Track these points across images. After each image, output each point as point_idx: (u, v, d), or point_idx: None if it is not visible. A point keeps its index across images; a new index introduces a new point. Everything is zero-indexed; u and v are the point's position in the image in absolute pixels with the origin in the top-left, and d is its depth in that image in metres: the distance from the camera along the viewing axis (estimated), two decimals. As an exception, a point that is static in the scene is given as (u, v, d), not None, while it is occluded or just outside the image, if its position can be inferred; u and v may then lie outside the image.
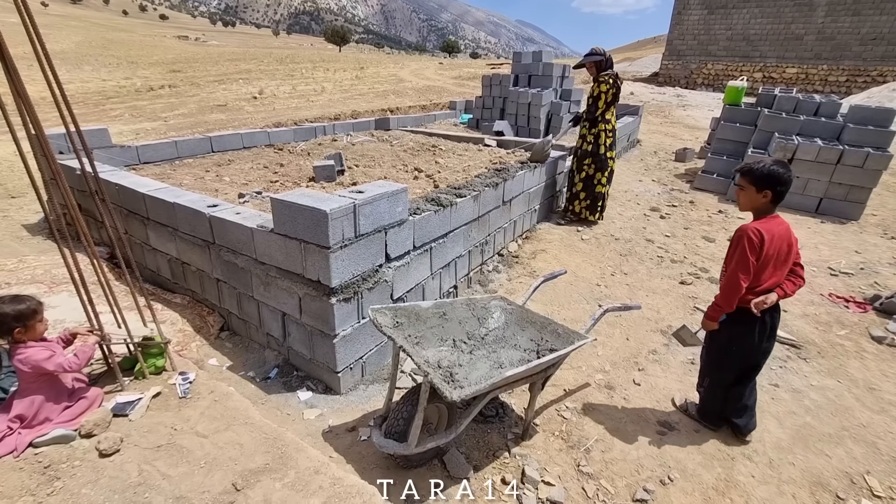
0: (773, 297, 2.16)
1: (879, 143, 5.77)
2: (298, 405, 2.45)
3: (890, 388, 2.90)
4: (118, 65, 24.94)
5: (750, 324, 2.22)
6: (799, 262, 2.28)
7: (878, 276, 4.42)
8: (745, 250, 2.10)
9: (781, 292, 2.19)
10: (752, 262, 2.10)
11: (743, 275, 2.12)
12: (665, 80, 24.10)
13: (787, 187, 2.11)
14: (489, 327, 2.43)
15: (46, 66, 1.87)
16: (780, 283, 2.20)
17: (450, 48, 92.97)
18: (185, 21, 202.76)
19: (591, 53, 4.94)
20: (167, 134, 9.10)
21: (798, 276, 2.27)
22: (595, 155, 5.03)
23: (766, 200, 2.14)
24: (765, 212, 2.18)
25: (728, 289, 2.17)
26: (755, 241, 2.09)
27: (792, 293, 2.24)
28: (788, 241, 2.19)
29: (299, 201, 2.28)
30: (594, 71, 4.90)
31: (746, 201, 2.20)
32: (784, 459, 2.32)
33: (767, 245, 2.10)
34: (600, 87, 4.81)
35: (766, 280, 2.17)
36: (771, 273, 2.18)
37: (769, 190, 2.10)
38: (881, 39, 18.53)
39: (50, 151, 1.91)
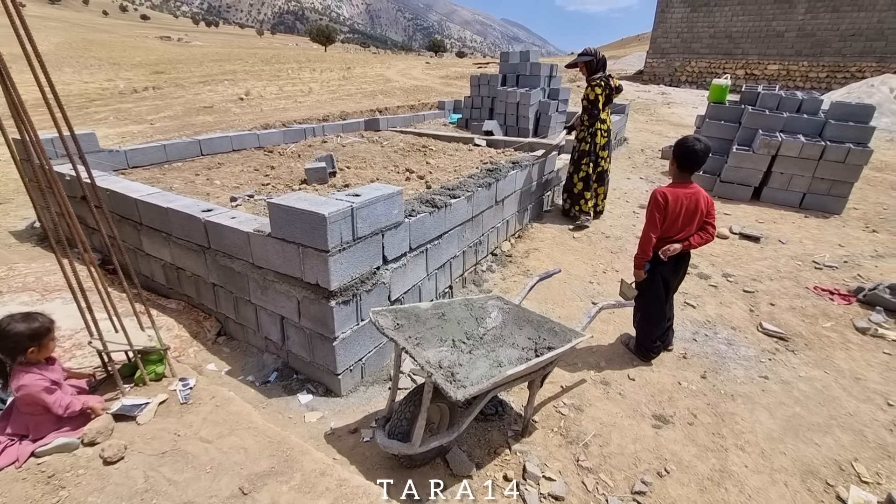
0: (678, 246, 2.69)
1: (860, 138, 5.93)
2: (299, 408, 2.47)
3: (874, 377, 3.00)
4: (100, 66, 24.49)
5: (662, 265, 2.77)
6: (710, 222, 2.74)
7: (861, 268, 4.55)
8: (651, 209, 2.65)
9: (688, 244, 2.71)
10: (658, 218, 2.63)
11: (650, 228, 2.66)
12: (650, 77, 24.38)
13: (687, 154, 2.57)
14: (487, 327, 2.46)
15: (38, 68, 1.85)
16: (688, 237, 2.70)
17: (436, 47, 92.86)
18: (167, 21, 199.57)
19: (584, 53, 4.95)
20: (154, 137, 8.99)
21: (707, 232, 2.73)
22: (591, 154, 5.09)
23: (674, 167, 2.68)
24: (677, 177, 2.70)
25: (642, 242, 2.73)
26: (661, 202, 2.61)
27: (698, 245, 2.74)
28: (696, 203, 2.65)
29: (297, 205, 2.29)
30: (585, 72, 4.93)
31: (669, 168, 2.79)
32: (776, 449, 2.39)
33: (672, 205, 2.60)
34: (594, 90, 4.84)
35: (676, 233, 2.69)
36: (680, 228, 2.68)
37: (675, 158, 2.64)
38: (859, 36, 18.96)
39: (46, 158, 1.90)
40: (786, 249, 4.93)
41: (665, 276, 2.83)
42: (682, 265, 2.90)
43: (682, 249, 2.71)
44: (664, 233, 2.70)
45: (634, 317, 3.07)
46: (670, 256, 2.73)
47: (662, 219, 2.64)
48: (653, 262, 2.79)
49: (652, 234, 2.67)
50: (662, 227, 2.68)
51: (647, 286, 2.88)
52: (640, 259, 2.78)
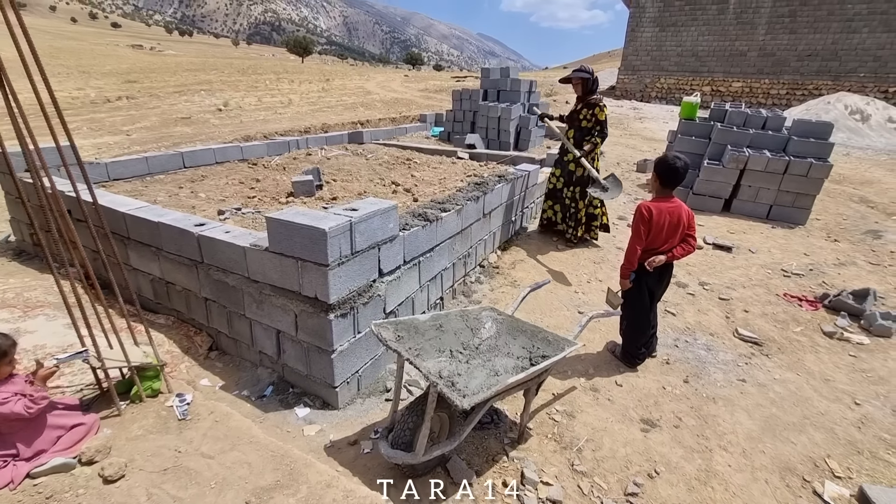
0: (662, 257, 2.85)
1: (820, 153, 6.32)
2: (297, 422, 2.47)
3: (842, 378, 3.20)
4: (68, 74, 23.78)
5: (648, 276, 2.91)
6: (692, 234, 2.91)
7: (825, 275, 4.83)
8: (637, 222, 2.83)
9: (671, 255, 2.87)
10: (643, 230, 2.80)
11: (636, 240, 2.83)
12: (622, 93, 25.23)
13: (669, 171, 2.75)
14: (482, 337, 2.53)
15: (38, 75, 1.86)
16: (672, 249, 2.87)
17: (414, 60, 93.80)
18: (138, 30, 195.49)
19: (581, 70, 4.72)
20: (131, 148, 8.81)
21: (689, 244, 2.90)
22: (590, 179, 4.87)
23: (657, 183, 2.85)
24: (659, 192, 2.87)
25: (627, 253, 2.89)
26: (645, 216, 2.79)
27: (681, 256, 2.90)
28: (679, 217, 2.82)
29: (296, 220, 2.32)
30: (580, 89, 4.70)
31: (651, 184, 2.98)
32: (755, 448, 2.53)
33: (656, 218, 2.77)
34: (604, 111, 4.67)
35: (660, 245, 2.85)
36: (664, 240, 2.84)
37: (656, 174, 2.82)
38: (815, 56, 20.15)
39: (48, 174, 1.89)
40: (756, 258, 5.18)
41: (650, 286, 2.99)
42: (667, 275, 3.06)
43: (667, 260, 2.88)
44: (649, 245, 2.86)
45: (621, 325, 3.21)
46: (655, 267, 2.88)
47: (647, 231, 2.81)
48: (638, 273, 2.94)
49: (637, 246, 2.85)
50: (647, 240, 2.85)
51: (633, 296, 3.02)
52: (626, 269, 2.93)
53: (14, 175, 2.02)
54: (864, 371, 3.28)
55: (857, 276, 4.83)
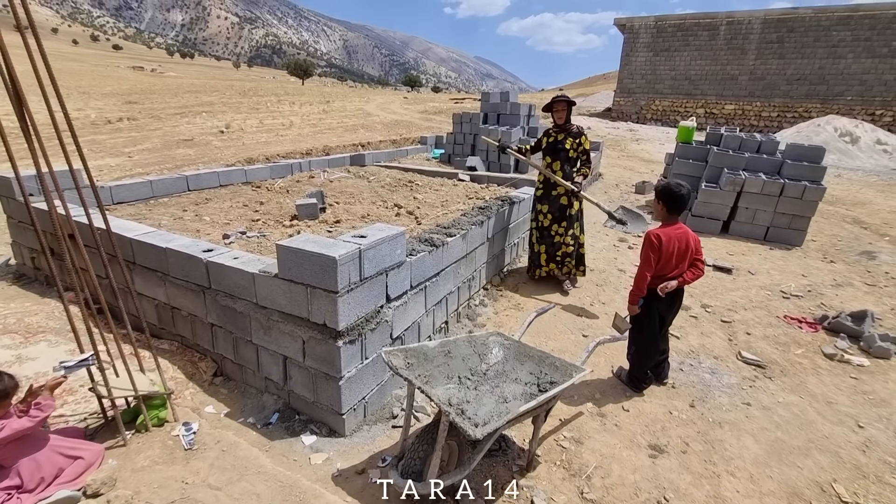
0: (674, 283, 2.87)
1: (814, 177, 6.45)
2: (304, 450, 2.45)
3: (844, 400, 3.21)
4: (68, 95, 24.02)
5: (658, 301, 2.93)
6: (700, 259, 2.94)
7: (824, 297, 4.87)
8: (647, 250, 2.84)
9: (682, 280, 2.89)
10: (653, 258, 2.82)
11: (646, 267, 2.85)
12: (618, 115, 25.74)
13: (674, 199, 2.81)
14: (490, 362, 2.54)
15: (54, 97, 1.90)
16: (682, 274, 2.90)
17: (412, 82, 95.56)
18: (140, 52, 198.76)
19: (563, 96, 4.43)
20: (133, 170, 8.88)
21: (698, 268, 2.94)
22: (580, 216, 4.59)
23: (663, 210, 2.88)
24: (665, 219, 2.90)
25: (637, 279, 2.90)
26: (655, 243, 2.82)
27: (691, 280, 2.93)
28: (686, 242, 2.86)
29: (306, 247, 2.35)
30: (564, 116, 4.37)
31: (655, 211, 2.99)
32: (763, 473, 2.52)
33: (666, 245, 2.80)
34: (588, 140, 4.44)
35: (670, 271, 2.88)
36: (674, 266, 2.87)
37: (661, 201, 2.87)
38: (804, 80, 20.71)
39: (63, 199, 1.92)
40: (756, 280, 5.24)
41: (661, 312, 3.00)
42: (677, 301, 3.07)
43: (678, 286, 2.90)
44: (659, 271, 2.88)
45: (629, 349, 3.21)
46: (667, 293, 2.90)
47: (657, 259, 2.83)
48: (649, 298, 2.95)
49: (647, 273, 2.86)
50: (657, 267, 2.87)
51: (642, 321, 3.03)
52: (635, 295, 2.94)
53: (27, 200, 2.05)
54: (865, 393, 3.30)
55: (854, 297, 4.88)
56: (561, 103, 4.34)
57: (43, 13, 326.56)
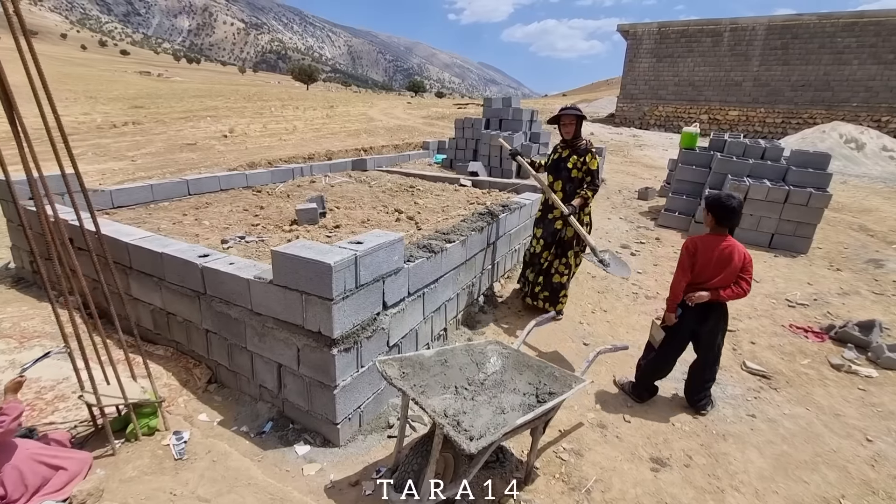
0: (706, 295, 2.78)
1: (819, 183, 6.38)
2: (297, 460, 2.40)
3: (852, 413, 3.13)
4: (76, 100, 24.27)
5: (688, 312, 2.87)
6: (745, 278, 2.78)
7: (830, 305, 4.79)
8: (682, 256, 2.84)
9: (716, 294, 2.77)
10: (688, 264, 2.79)
11: (679, 273, 2.83)
12: (621, 120, 25.71)
13: (725, 211, 2.72)
14: (487, 372, 2.49)
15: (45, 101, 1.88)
16: (720, 287, 2.77)
17: (416, 88, 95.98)
18: (147, 57, 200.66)
19: (572, 107, 3.89)
20: (135, 174, 8.90)
21: (740, 286, 2.78)
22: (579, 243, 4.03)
23: (711, 221, 2.80)
24: (714, 230, 2.82)
25: (672, 285, 2.87)
26: (690, 249, 2.81)
27: (728, 297, 2.77)
28: (730, 256, 2.75)
29: (302, 254, 2.31)
30: (572, 130, 3.82)
31: (704, 220, 2.90)
32: (768, 488, 2.45)
33: (702, 252, 2.76)
34: (596, 158, 3.83)
35: (704, 280, 2.79)
36: (710, 276, 2.78)
37: (710, 212, 2.79)
38: (809, 86, 20.64)
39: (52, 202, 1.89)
40: (760, 288, 5.16)
41: (690, 325, 2.89)
42: (712, 315, 2.86)
43: (711, 298, 2.76)
44: (694, 279, 2.82)
45: (646, 356, 3.12)
46: (697, 304, 2.82)
47: (692, 265, 2.79)
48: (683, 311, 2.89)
49: (682, 279, 2.82)
50: (693, 274, 2.81)
51: (669, 331, 2.96)
52: (672, 303, 2.88)
53: (17, 202, 2.02)
54: (874, 405, 3.22)
55: (861, 307, 4.80)
56: (569, 117, 3.79)
57: (52, 19, 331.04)
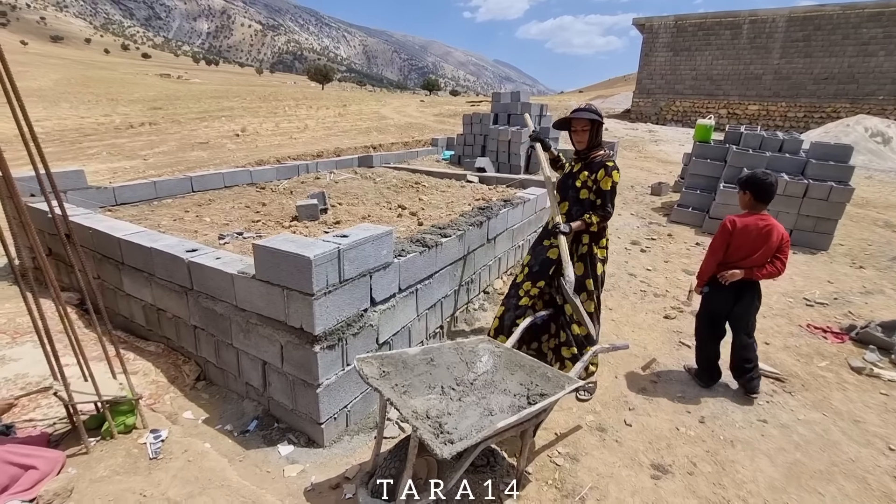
0: (739, 273, 2.80)
1: (841, 177, 6.08)
2: (279, 461, 2.32)
3: (873, 419, 2.93)
4: (97, 102, 24.86)
5: (721, 290, 2.89)
6: (781, 257, 2.81)
7: (852, 305, 4.54)
8: (717, 235, 2.85)
9: (751, 272, 2.79)
10: (721, 245, 2.81)
11: (711, 253, 2.85)
12: (637, 116, 25.22)
13: (762, 188, 2.74)
14: (478, 372, 2.37)
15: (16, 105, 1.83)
16: (755, 266, 2.79)
17: (430, 86, 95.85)
18: (167, 60, 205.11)
19: (586, 109, 2.85)
20: (146, 172, 9.00)
21: (775, 266, 2.81)
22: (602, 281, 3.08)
23: (748, 199, 2.81)
24: (750, 208, 2.83)
25: (704, 261, 2.92)
26: (728, 228, 2.80)
27: (763, 276, 2.80)
28: (767, 234, 2.75)
29: (282, 247, 2.23)
30: (585, 139, 2.85)
31: (739, 201, 2.91)
32: (779, 500, 2.28)
33: (739, 231, 2.76)
34: (612, 176, 2.78)
35: (738, 259, 2.81)
36: (746, 254, 2.79)
37: (749, 191, 2.79)
38: (832, 79, 19.91)
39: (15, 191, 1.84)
40: (776, 286, 4.92)
41: (722, 304, 2.93)
42: (747, 294, 2.90)
43: (745, 276, 2.81)
44: (728, 258, 2.85)
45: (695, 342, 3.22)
46: (732, 283, 2.85)
47: (726, 244, 2.81)
48: (712, 288, 2.96)
49: (713, 260, 2.86)
50: (727, 254, 2.83)
51: (700, 309, 3.07)
52: (701, 277, 2.97)
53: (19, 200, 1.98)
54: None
55: (885, 306, 4.54)
56: (581, 121, 2.83)
57: (77, 24, 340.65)
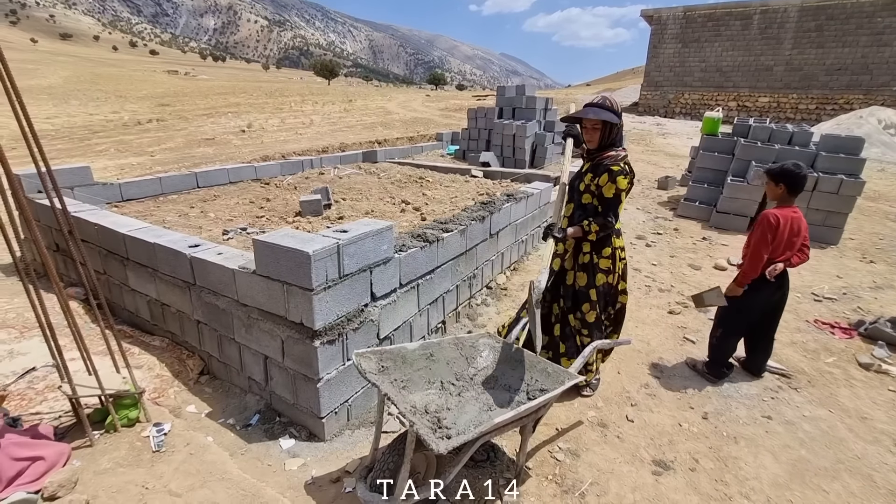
0: (781, 266, 2.85)
1: (851, 170, 5.97)
2: (280, 454, 2.34)
3: (881, 416, 2.89)
4: (106, 99, 25.07)
5: (763, 286, 2.90)
6: (806, 244, 2.91)
7: (861, 300, 4.47)
8: (765, 230, 2.79)
9: (788, 263, 2.87)
10: (771, 238, 2.78)
11: (763, 249, 2.80)
12: (644, 109, 24.93)
13: (797, 180, 2.77)
14: (478, 367, 2.37)
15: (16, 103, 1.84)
16: (789, 258, 2.86)
17: (436, 80, 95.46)
18: (175, 56, 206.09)
19: (598, 105, 2.48)
20: (153, 169, 9.07)
21: (804, 252, 2.91)
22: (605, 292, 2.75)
23: (781, 191, 2.83)
24: (783, 200, 2.86)
25: (753, 260, 2.84)
26: (773, 223, 2.77)
27: (796, 265, 2.89)
28: (799, 226, 2.83)
29: (282, 242, 2.24)
30: (596, 136, 2.50)
31: (769, 192, 2.93)
32: (782, 497, 2.26)
33: (782, 227, 2.77)
34: (618, 182, 2.45)
35: (778, 255, 2.84)
36: (783, 250, 2.84)
37: (783, 183, 2.80)
38: (845, 70, 19.52)
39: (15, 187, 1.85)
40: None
41: (769, 297, 2.97)
42: (785, 284, 3.01)
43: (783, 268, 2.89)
44: (770, 254, 2.86)
45: (714, 332, 3.17)
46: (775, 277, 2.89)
47: (773, 239, 2.81)
48: (756, 283, 2.93)
49: (764, 254, 2.82)
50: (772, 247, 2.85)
51: (746, 303, 2.99)
52: (748, 277, 2.89)
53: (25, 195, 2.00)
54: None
55: (895, 302, 4.46)
56: (590, 121, 2.49)
57: (85, 22, 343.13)
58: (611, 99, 2.52)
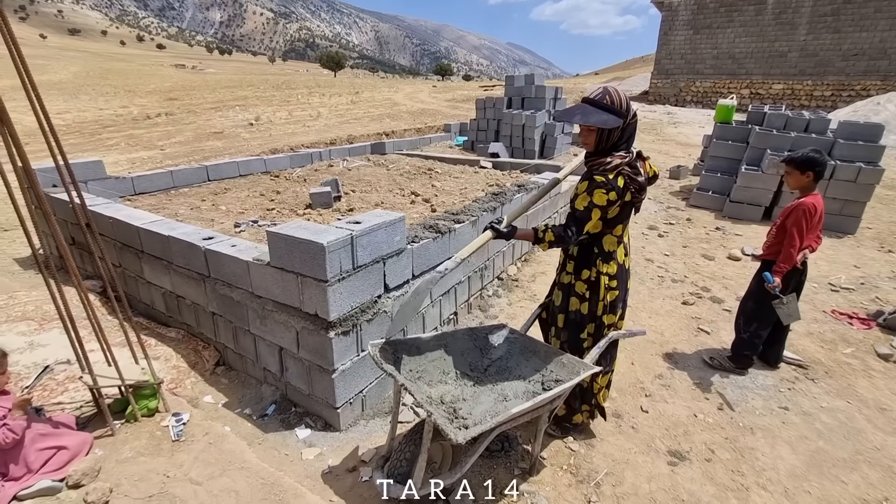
0: (807, 251, 2.89)
1: (870, 157, 5.84)
2: (297, 444, 2.37)
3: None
4: (115, 94, 25.22)
5: (793, 274, 2.92)
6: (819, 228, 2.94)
7: (879, 290, 4.40)
8: (802, 219, 2.76)
9: (811, 249, 2.91)
10: (807, 227, 2.78)
11: (800, 238, 2.79)
12: (655, 98, 24.55)
13: (824, 167, 2.79)
14: (492, 357, 2.37)
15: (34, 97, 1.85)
16: (811, 244, 2.91)
17: (443, 71, 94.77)
18: (182, 50, 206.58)
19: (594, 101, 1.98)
20: (163, 162, 9.13)
21: (819, 237, 2.96)
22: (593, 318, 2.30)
23: (808, 180, 2.81)
24: (808, 189, 2.85)
25: (791, 251, 2.82)
26: (812, 211, 2.76)
27: (815, 249, 2.96)
28: (822, 211, 2.86)
29: (296, 234, 2.24)
30: (592, 138, 2.02)
31: (794, 182, 2.89)
32: (800, 488, 2.24)
33: (819, 215, 2.80)
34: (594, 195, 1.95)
35: (807, 241, 2.86)
36: (813, 235, 2.88)
37: (811, 171, 2.78)
38: (862, 55, 19.02)
39: (34, 182, 1.87)
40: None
41: (792, 285, 2.98)
42: (805, 272, 3.06)
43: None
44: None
45: (747, 326, 3.09)
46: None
47: (809, 228, 2.82)
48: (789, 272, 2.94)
49: (799, 242, 2.82)
50: None
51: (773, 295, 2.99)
52: (786, 269, 2.87)
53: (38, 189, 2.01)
54: (926, 400, 2.91)
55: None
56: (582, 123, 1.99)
57: (93, 16, 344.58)
58: (612, 93, 1.96)
